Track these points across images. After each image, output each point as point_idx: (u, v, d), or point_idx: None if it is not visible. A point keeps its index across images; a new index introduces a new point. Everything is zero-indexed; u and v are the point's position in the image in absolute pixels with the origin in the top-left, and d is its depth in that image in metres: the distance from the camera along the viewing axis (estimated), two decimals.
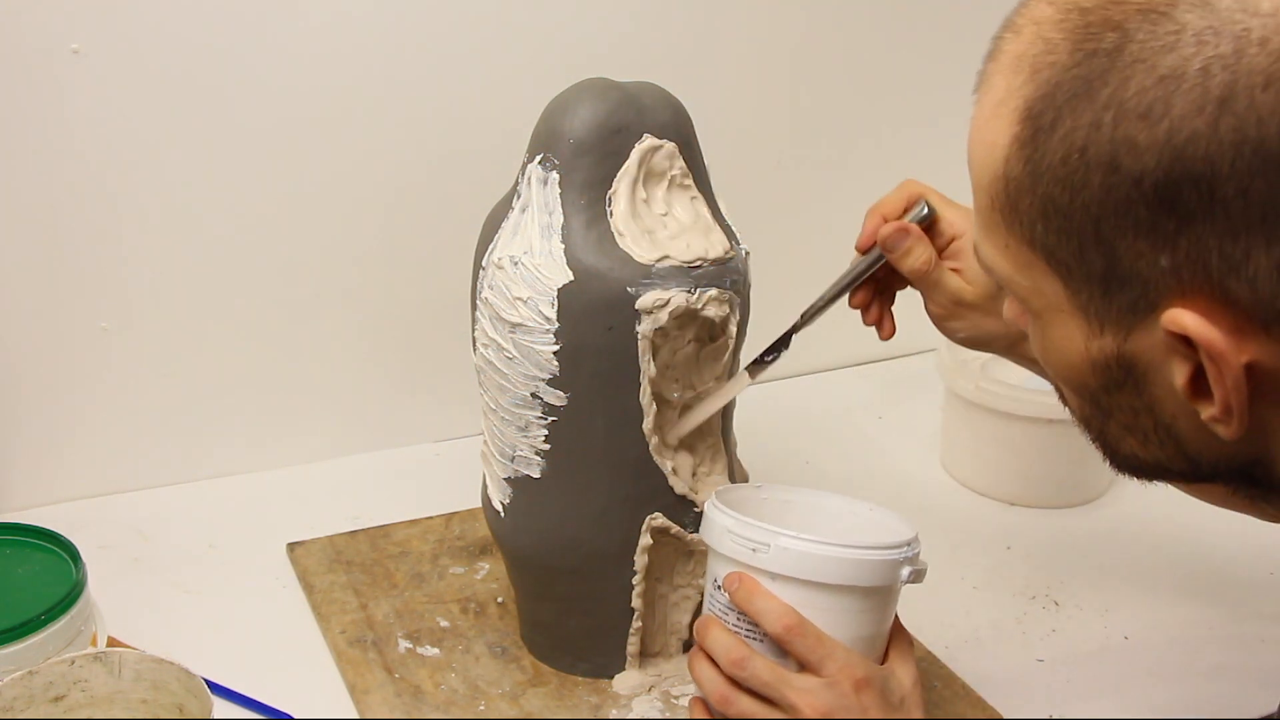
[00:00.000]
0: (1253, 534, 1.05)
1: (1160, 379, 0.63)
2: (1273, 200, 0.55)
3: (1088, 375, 0.66)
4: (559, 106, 0.90)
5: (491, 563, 1.10)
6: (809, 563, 0.82)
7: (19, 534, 0.94)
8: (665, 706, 0.97)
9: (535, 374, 0.89)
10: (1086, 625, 1.09)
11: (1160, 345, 0.61)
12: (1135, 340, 0.62)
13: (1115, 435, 0.69)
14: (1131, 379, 0.64)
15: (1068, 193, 0.60)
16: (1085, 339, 0.64)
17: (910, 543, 0.86)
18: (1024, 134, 0.61)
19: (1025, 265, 0.64)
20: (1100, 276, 0.61)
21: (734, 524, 0.85)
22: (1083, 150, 0.59)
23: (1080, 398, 0.69)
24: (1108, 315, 0.62)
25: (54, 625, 0.85)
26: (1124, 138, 0.57)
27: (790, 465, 1.30)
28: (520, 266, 0.88)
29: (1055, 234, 0.62)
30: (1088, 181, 0.59)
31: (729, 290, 0.90)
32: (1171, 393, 0.62)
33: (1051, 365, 0.69)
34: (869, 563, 0.83)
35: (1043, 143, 0.60)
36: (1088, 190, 0.59)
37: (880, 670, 0.84)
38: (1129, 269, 0.60)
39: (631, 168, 0.88)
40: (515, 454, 0.93)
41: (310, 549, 1.12)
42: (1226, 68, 0.55)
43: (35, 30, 1.04)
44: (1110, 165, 0.58)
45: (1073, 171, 0.59)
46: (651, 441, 0.91)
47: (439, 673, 0.99)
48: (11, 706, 0.78)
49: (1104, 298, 0.62)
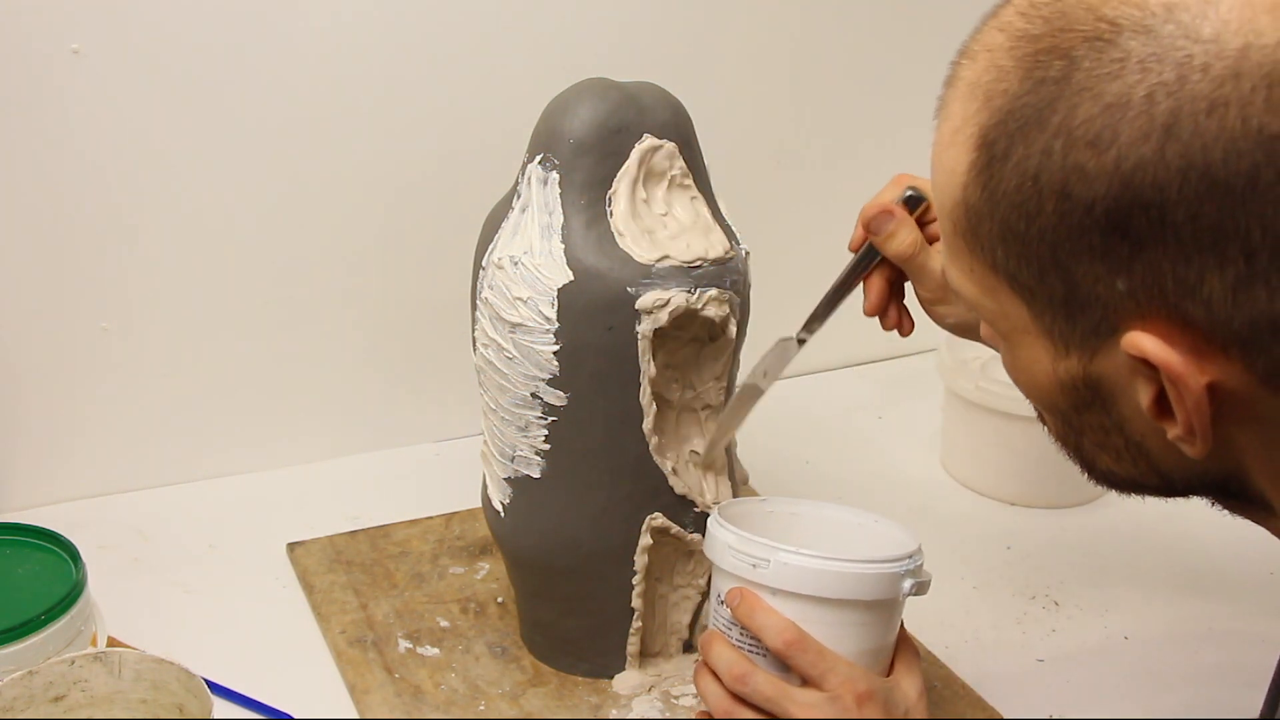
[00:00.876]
0: (1252, 534, 1.04)
1: (1126, 399, 0.63)
2: (1222, 224, 0.56)
3: (1057, 396, 0.66)
4: (559, 106, 0.90)
5: (491, 563, 1.10)
6: (808, 577, 0.82)
7: (19, 534, 0.94)
8: (665, 706, 0.97)
9: (535, 374, 0.89)
10: (1086, 625, 1.09)
11: (1124, 367, 0.61)
12: (1100, 362, 0.63)
13: (1090, 452, 0.70)
14: (1099, 399, 0.65)
15: (1024, 220, 0.60)
16: (1052, 360, 0.65)
17: (912, 555, 0.85)
18: (980, 161, 0.62)
19: (990, 289, 0.65)
20: (1062, 300, 0.62)
21: (735, 540, 0.84)
22: (1035, 178, 0.59)
23: (1053, 415, 0.70)
24: (1071, 338, 0.63)
25: (54, 625, 0.85)
26: (1074, 165, 0.58)
27: (790, 466, 1.30)
28: (520, 266, 0.88)
29: (1015, 259, 0.62)
30: (1042, 209, 0.59)
31: (729, 290, 0.90)
32: (1138, 412, 0.63)
33: (1022, 386, 0.70)
34: (870, 577, 0.83)
35: (998, 170, 0.61)
36: (1042, 217, 0.60)
37: (884, 683, 0.84)
38: (1088, 293, 0.60)
39: (631, 168, 0.88)
40: (515, 454, 0.93)
41: (310, 549, 1.11)
42: (1170, 94, 0.56)
43: (35, 30, 1.04)
44: (1062, 193, 0.59)
45: (1027, 199, 0.60)
46: (652, 441, 0.91)
47: (439, 673, 0.98)
48: (11, 706, 0.78)
49: (1067, 321, 0.62)
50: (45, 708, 0.80)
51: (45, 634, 0.85)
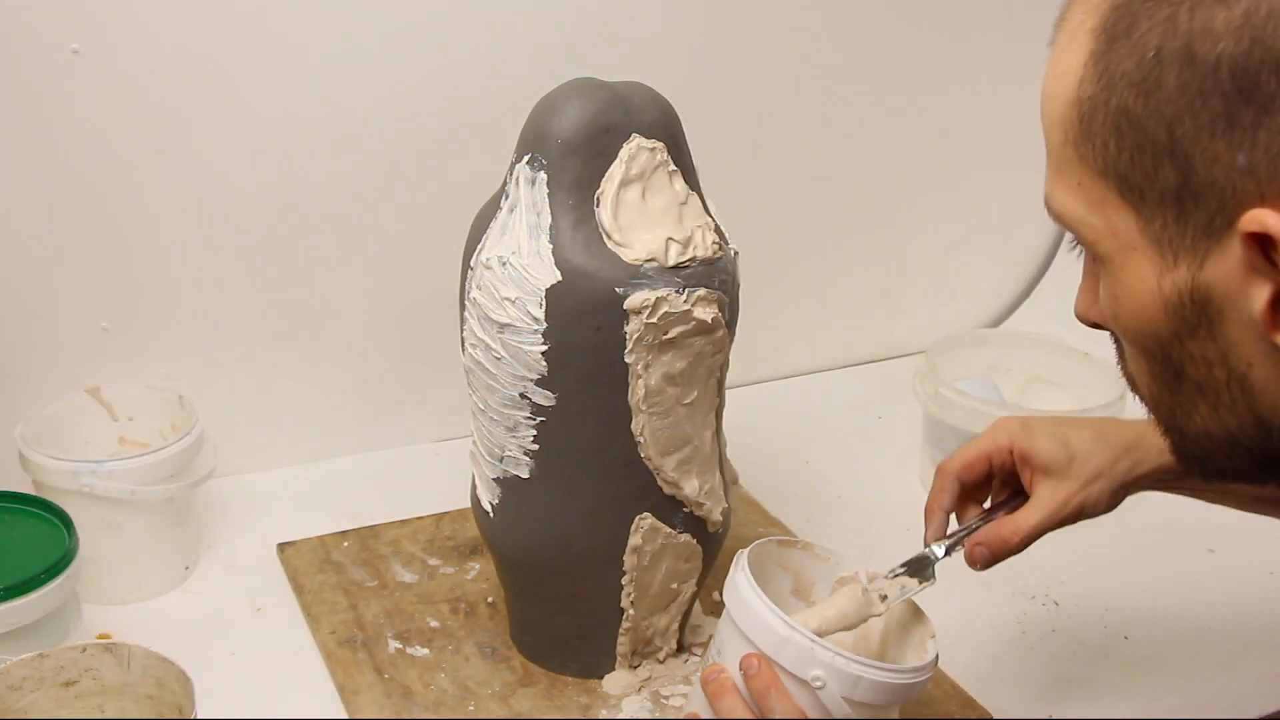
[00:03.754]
0: (1252, 534, 1.04)
1: (1237, 314, 0.61)
2: None
3: (1160, 321, 0.63)
4: (547, 106, 0.89)
5: (481, 563, 1.10)
6: (847, 682, 0.80)
7: (14, 501, 0.99)
8: (655, 706, 0.97)
9: (523, 374, 0.89)
10: (1086, 625, 1.09)
11: (1237, 270, 0.59)
12: (1211, 267, 0.60)
13: (1185, 408, 0.66)
14: (1205, 319, 0.62)
15: (1141, 98, 0.58)
16: (1158, 275, 0.62)
17: (928, 665, 0.84)
18: (1098, 49, 0.60)
19: (1098, 201, 0.63)
20: (1174, 194, 0.59)
21: (772, 619, 0.81)
22: (1158, 49, 0.57)
23: (1150, 359, 0.66)
24: (1182, 242, 0.60)
25: (52, 584, 0.91)
26: (1200, 25, 0.56)
27: (789, 465, 1.29)
28: (508, 267, 0.88)
29: (1129, 151, 0.60)
30: (1162, 80, 0.57)
31: (717, 290, 0.90)
32: (1249, 329, 0.60)
33: (1123, 318, 0.66)
34: (902, 686, 0.82)
35: (1118, 50, 0.59)
36: (1162, 91, 0.58)
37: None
38: (1204, 179, 0.58)
39: (620, 168, 0.88)
40: (504, 454, 0.93)
41: (300, 549, 1.12)
42: None
43: (35, 30, 1.05)
44: (1185, 58, 0.56)
45: (1147, 74, 0.58)
46: (640, 442, 0.91)
47: (429, 673, 0.99)
48: (21, 686, 0.80)
49: (1179, 221, 0.60)
50: (55, 691, 0.81)
51: (43, 592, 0.90)
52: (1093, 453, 0.91)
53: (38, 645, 0.86)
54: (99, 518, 1.02)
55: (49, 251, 1.12)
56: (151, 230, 1.14)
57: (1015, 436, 0.92)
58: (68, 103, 1.07)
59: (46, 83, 1.06)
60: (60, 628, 0.93)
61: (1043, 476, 0.91)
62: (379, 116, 1.17)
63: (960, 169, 1.32)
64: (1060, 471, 0.91)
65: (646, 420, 0.91)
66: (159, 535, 1.07)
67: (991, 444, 0.93)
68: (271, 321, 1.21)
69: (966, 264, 1.50)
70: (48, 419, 1.09)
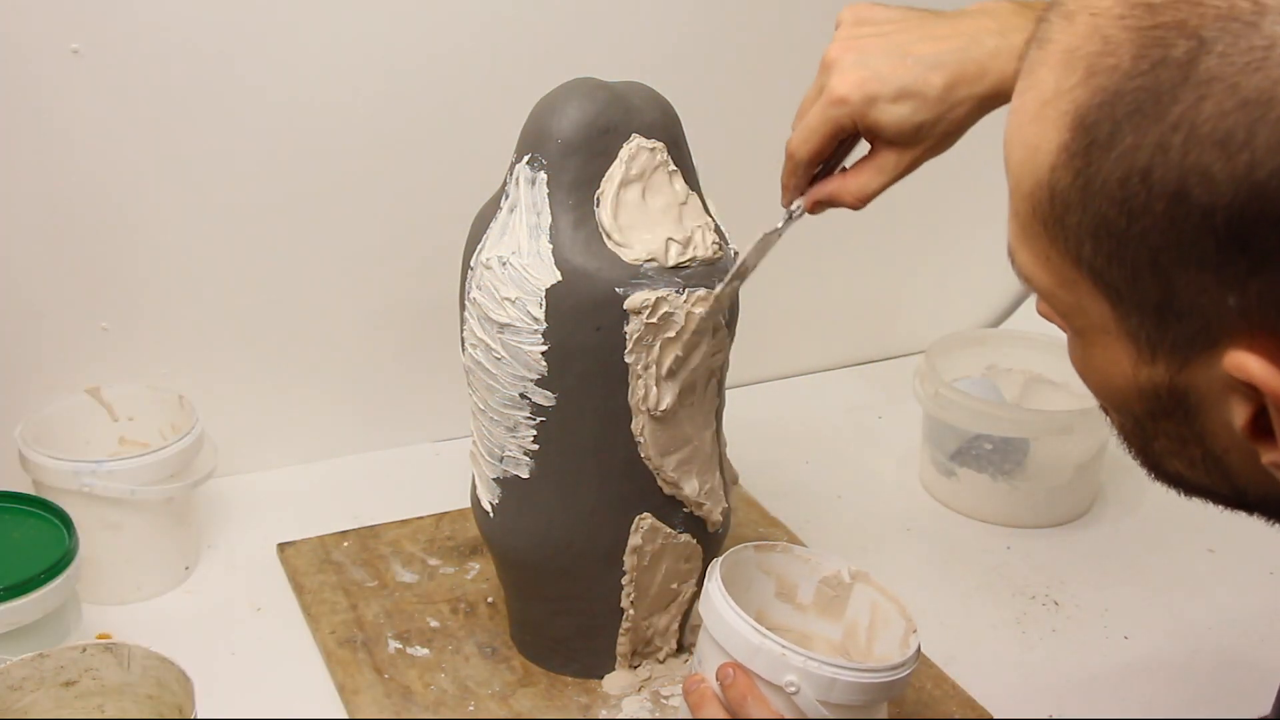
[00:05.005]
0: (1252, 534, 1.04)
1: (1215, 415, 0.57)
2: None
3: (1133, 400, 0.60)
4: (547, 106, 0.89)
5: (481, 563, 1.10)
6: (822, 685, 0.81)
7: (14, 502, 0.98)
8: (655, 706, 0.97)
9: (523, 374, 0.89)
10: (1086, 625, 1.09)
11: (1219, 382, 0.55)
12: (1190, 373, 0.56)
13: (1159, 456, 0.63)
14: (1182, 409, 0.58)
15: (1124, 217, 0.53)
16: (1133, 365, 0.58)
17: (906, 662, 0.84)
18: (1075, 144, 0.54)
19: (1068, 282, 0.58)
20: (1154, 306, 0.55)
21: (744, 628, 0.82)
22: (1145, 174, 0.52)
23: (1122, 416, 0.63)
24: (1161, 345, 0.56)
25: (52, 583, 0.91)
26: (1195, 165, 0.50)
27: (789, 465, 1.29)
28: (508, 267, 0.88)
29: (1105, 257, 0.55)
30: (1149, 208, 0.52)
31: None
32: (1226, 428, 0.57)
33: (1093, 385, 0.63)
34: (879, 685, 0.82)
35: (1097, 158, 0.54)
36: (1148, 217, 0.52)
37: None
38: (1189, 302, 0.53)
39: (620, 168, 0.88)
40: (504, 454, 0.93)
41: (300, 549, 1.12)
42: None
43: (35, 30, 1.04)
44: (1177, 194, 0.51)
45: (1132, 195, 0.53)
46: (640, 442, 0.91)
47: (429, 673, 0.99)
48: (21, 686, 0.80)
49: (1157, 327, 0.56)
50: (55, 691, 0.82)
51: (43, 592, 0.90)
52: (940, 115, 0.87)
53: (38, 645, 0.86)
54: (99, 518, 1.02)
55: (49, 252, 1.12)
56: (152, 230, 1.14)
57: (858, 114, 0.87)
58: (68, 103, 1.07)
59: (47, 83, 1.06)
60: (60, 628, 0.93)
61: (886, 145, 0.88)
62: (379, 117, 1.17)
63: (960, 169, 1.31)
64: (908, 140, 0.88)
65: (646, 420, 0.91)
66: (159, 535, 1.07)
67: (834, 125, 0.89)
68: (272, 322, 1.21)
69: (966, 264, 1.50)
70: (48, 419, 1.09)
